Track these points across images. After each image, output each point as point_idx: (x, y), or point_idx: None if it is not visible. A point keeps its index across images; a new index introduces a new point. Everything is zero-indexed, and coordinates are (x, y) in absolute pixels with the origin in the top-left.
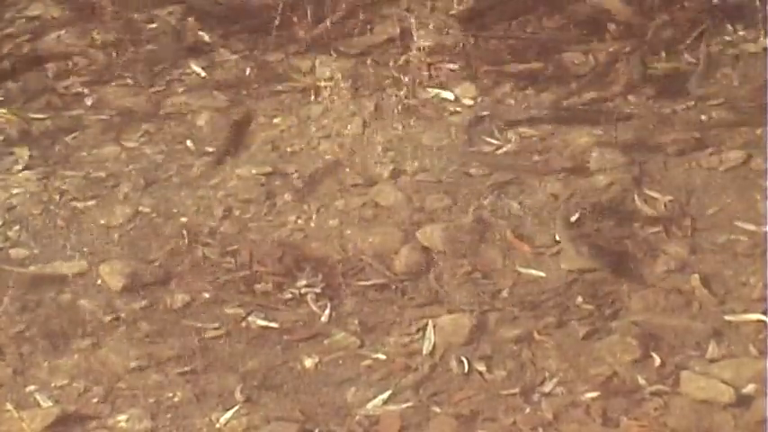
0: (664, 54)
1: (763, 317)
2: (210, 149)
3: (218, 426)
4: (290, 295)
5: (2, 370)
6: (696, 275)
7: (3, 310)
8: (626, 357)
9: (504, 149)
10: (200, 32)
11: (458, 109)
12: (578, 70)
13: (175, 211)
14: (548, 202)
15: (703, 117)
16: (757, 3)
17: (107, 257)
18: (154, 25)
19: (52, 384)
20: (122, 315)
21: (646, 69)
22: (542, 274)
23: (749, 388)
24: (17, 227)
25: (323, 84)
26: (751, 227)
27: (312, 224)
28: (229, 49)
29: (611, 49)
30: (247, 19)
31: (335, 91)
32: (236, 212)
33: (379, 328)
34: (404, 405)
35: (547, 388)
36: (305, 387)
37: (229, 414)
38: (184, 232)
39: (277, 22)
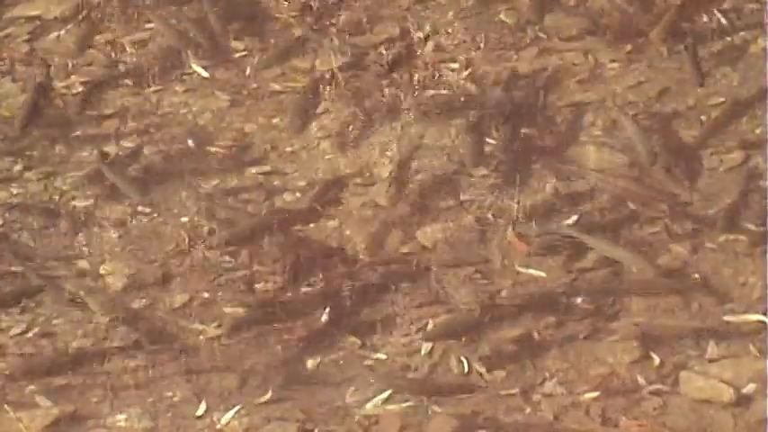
0: (665, 54)
1: (763, 317)
2: (212, 149)
3: (218, 426)
4: (289, 295)
5: (2, 370)
6: (696, 275)
7: (3, 311)
8: (626, 357)
9: (504, 149)
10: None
11: (458, 108)
12: (578, 70)
13: (175, 211)
14: (548, 202)
15: (703, 117)
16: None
17: (107, 257)
18: (152, 25)
19: (52, 384)
20: (122, 315)
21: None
22: (542, 274)
23: (749, 388)
24: (17, 227)
25: (323, 84)
26: (751, 227)
27: (312, 224)
28: (230, 48)
29: (610, 49)
30: (248, 19)
31: (335, 91)
32: (237, 212)
33: (379, 328)
34: (404, 405)
35: (547, 388)
36: (305, 387)
37: (229, 414)
38: (184, 232)
39: (278, 23)
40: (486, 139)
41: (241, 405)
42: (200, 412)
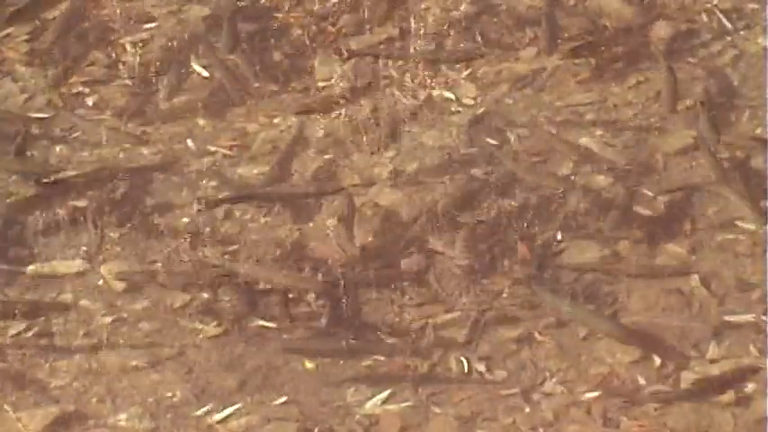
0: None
1: (763, 317)
2: (212, 149)
3: (217, 426)
4: (290, 295)
5: (2, 370)
6: (696, 275)
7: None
8: (626, 357)
9: (504, 149)
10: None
11: (458, 109)
12: (578, 70)
13: (176, 211)
14: (548, 201)
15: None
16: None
17: (107, 257)
18: (153, 25)
19: (52, 384)
20: (122, 315)
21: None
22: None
23: (749, 388)
24: (17, 227)
25: (323, 84)
26: (751, 227)
27: (312, 224)
28: (230, 48)
29: (611, 50)
30: (249, 19)
31: (335, 91)
32: (237, 212)
33: (379, 328)
34: (404, 405)
35: (547, 388)
36: (305, 387)
37: (225, 412)
38: (184, 232)
39: (278, 23)
40: (488, 140)
41: (241, 404)
42: (200, 412)
